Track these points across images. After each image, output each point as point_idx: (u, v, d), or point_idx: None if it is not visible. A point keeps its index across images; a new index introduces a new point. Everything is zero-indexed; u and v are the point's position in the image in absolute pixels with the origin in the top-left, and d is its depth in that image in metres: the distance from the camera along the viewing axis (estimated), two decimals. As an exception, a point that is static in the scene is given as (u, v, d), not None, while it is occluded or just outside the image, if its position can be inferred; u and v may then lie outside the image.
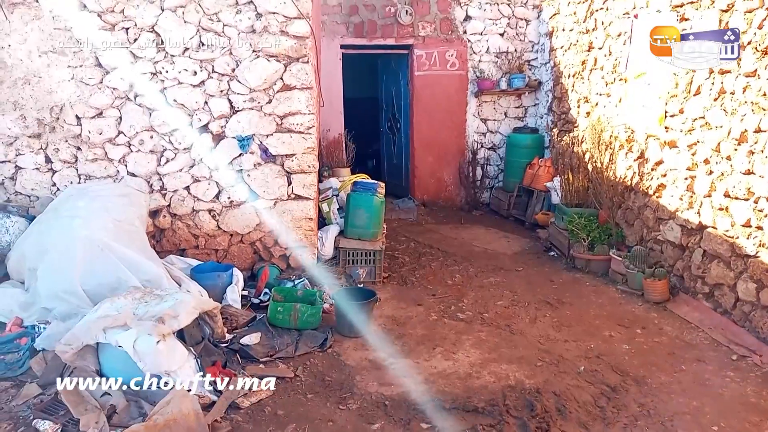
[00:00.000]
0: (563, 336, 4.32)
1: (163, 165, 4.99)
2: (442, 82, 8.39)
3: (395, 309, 4.78)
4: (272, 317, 4.29)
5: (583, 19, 7.04)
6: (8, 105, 4.80)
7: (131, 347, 3.16)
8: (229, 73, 4.92)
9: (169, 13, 4.79)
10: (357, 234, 5.37)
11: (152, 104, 4.89)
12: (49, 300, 3.93)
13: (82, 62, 4.80)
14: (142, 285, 4.02)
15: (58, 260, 4.01)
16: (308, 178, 5.17)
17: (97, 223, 4.16)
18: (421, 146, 8.53)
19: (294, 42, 4.90)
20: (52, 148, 4.88)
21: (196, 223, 5.10)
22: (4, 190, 4.92)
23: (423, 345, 4.15)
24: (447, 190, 8.63)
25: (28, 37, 4.75)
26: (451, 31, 8.34)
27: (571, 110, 7.43)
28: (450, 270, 5.81)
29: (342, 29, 8.13)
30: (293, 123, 5.05)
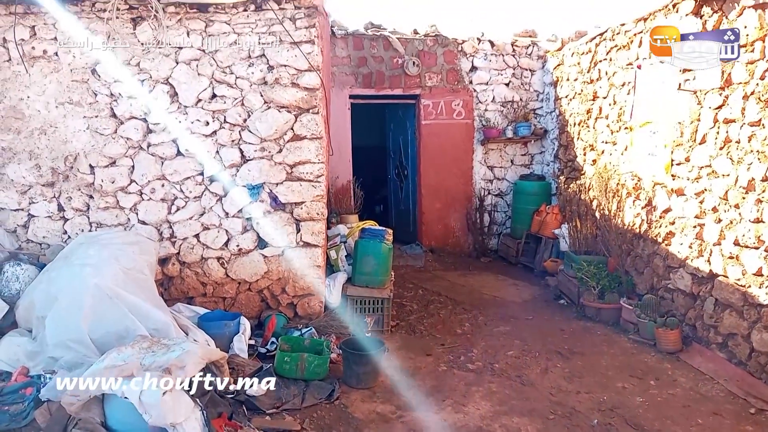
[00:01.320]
0: (575, 387, 4.23)
1: (174, 213, 5.04)
2: (448, 130, 8.51)
3: (404, 359, 4.72)
4: (279, 367, 4.23)
5: (587, 69, 7.18)
6: (24, 154, 4.91)
7: (137, 398, 3.12)
8: (241, 123, 5.03)
9: (183, 65, 4.93)
10: (365, 281, 5.35)
11: (165, 153, 4.98)
12: (56, 349, 3.90)
13: (98, 113, 4.92)
14: (150, 334, 3.99)
15: (66, 308, 4.01)
16: (317, 225, 5.20)
17: (107, 271, 4.17)
18: (429, 193, 8.59)
19: (305, 93, 5.02)
20: (64, 197, 4.96)
21: (204, 271, 5.11)
22: (15, 238, 4.97)
23: (432, 397, 4.07)
24: (454, 236, 8.64)
25: (46, 89, 4.90)
26: (458, 81, 8.51)
27: (578, 158, 7.50)
28: (459, 318, 5.75)
29: (351, 80, 8.32)
30: (303, 172, 5.12)
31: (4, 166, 4.91)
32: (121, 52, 4.88)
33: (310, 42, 4.97)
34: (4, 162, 4.91)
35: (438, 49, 8.44)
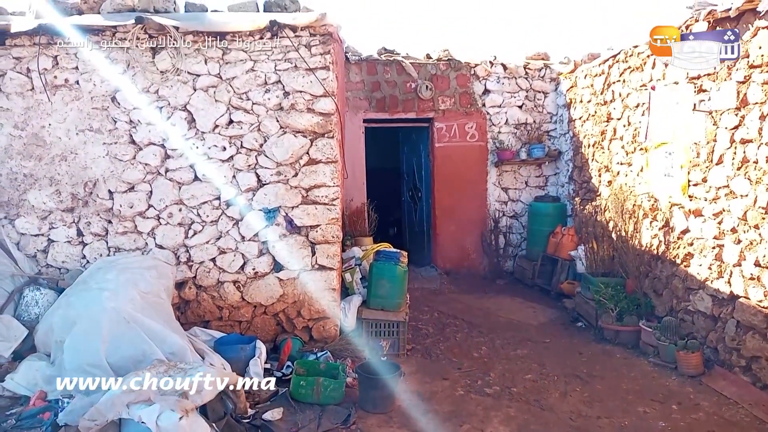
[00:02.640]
0: (596, 412, 4.16)
1: (191, 237, 5.09)
2: (462, 152, 8.54)
3: (420, 383, 4.67)
4: (295, 391, 4.21)
5: (601, 90, 7.20)
6: (45, 180, 5.00)
7: (154, 423, 3.12)
8: (257, 148, 5.09)
9: (201, 92, 5.02)
10: (380, 304, 5.34)
11: (182, 179, 5.05)
12: (74, 373, 3.92)
13: (117, 139, 5.02)
14: (167, 358, 4.01)
15: (84, 332, 4.04)
16: (332, 248, 5.21)
17: (125, 296, 4.21)
18: (443, 215, 8.59)
19: (320, 118, 5.08)
20: (84, 222, 5.03)
21: (220, 295, 5.13)
22: (35, 263, 5.04)
23: (450, 422, 4.02)
24: (469, 258, 8.60)
25: (67, 116, 5.00)
26: (471, 104, 8.56)
27: (593, 179, 7.47)
28: (475, 342, 5.70)
29: (365, 104, 8.40)
30: (318, 195, 5.15)
31: (25, 193, 5.00)
32: (140, 80, 4.98)
33: (325, 68, 5.05)
34: (26, 188, 5.00)
35: (451, 72, 8.51)
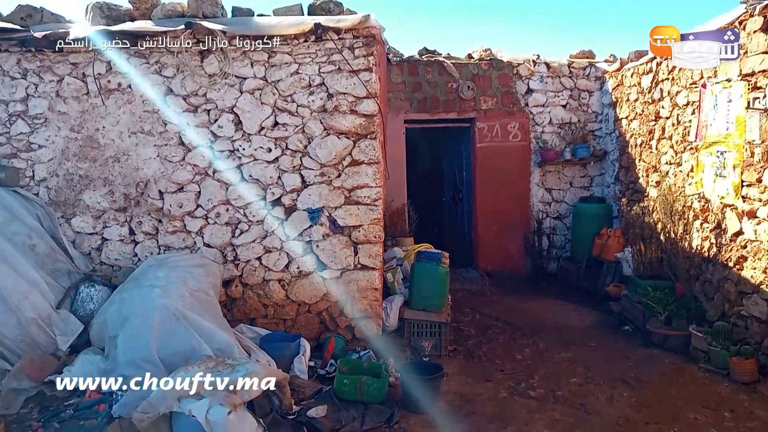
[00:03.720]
0: (644, 417, 4.07)
1: (237, 236, 5.21)
2: (504, 152, 8.46)
3: (462, 385, 4.66)
4: (338, 389, 4.26)
5: (648, 89, 7.02)
6: (99, 181, 5.20)
7: (204, 417, 3.21)
8: (302, 149, 5.17)
9: (247, 95, 5.13)
10: (422, 305, 5.34)
11: (229, 179, 5.17)
12: (127, 367, 4.07)
13: (167, 141, 5.17)
14: (215, 354, 4.11)
15: (136, 328, 4.18)
16: (374, 248, 5.25)
17: (175, 293, 4.34)
18: (485, 216, 8.53)
19: (363, 120, 5.12)
20: (135, 221, 5.21)
21: (266, 293, 5.23)
22: (90, 260, 5.24)
23: (493, 424, 4.00)
24: (512, 260, 8.51)
25: (120, 119, 5.19)
26: (513, 104, 8.47)
27: (640, 179, 7.30)
28: (518, 344, 5.64)
29: (406, 105, 8.42)
30: (361, 195, 5.19)
31: (81, 193, 5.21)
32: (189, 84, 5.12)
33: (368, 70, 5.09)
34: (81, 188, 5.21)
35: (493, 72, 8.45)
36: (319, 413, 3.99)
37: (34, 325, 4.47)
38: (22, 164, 5.25)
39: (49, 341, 4.52)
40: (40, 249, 4.87)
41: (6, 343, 4.42)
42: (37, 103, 5.21)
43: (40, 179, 5.23)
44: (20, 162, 5.26)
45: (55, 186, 5.22)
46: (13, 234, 4.78)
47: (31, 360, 4.32)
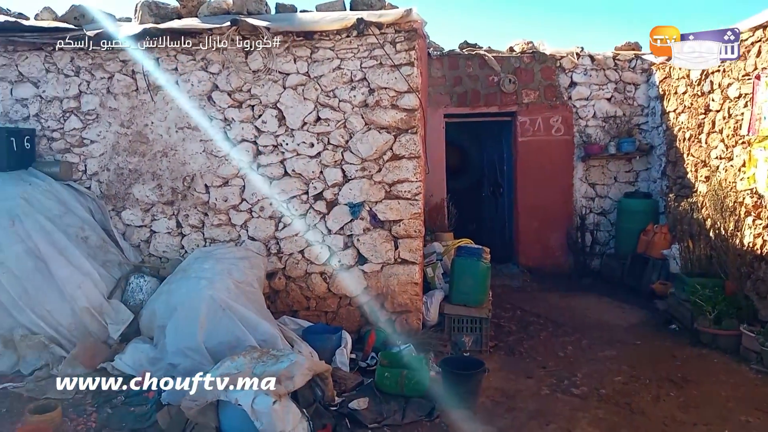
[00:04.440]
0: (692, 418, 3.96)
1: (281, 230, 5.29)
2: (546, 147, 8.33)
3: (503, 381, 4.63)
4: (379, 382, 4.29)
5: (698, 81, 6.80)
6: (148, 175, 5.35)
7: (249, 406, 3.29)
8: (343, 144, 5.21)
9: (290, 91, 5.20)
10: (462, 300, 5.32)
11: (273, 174, 5.25)
12: (175, 356, 4.19)
13: (213, 136, 5.28)
14: (259, 344, 4.20)
15: (184, 318, 4.30)
16: (414, 242, 5.25)
17: (221, 285, 4.45)
18: (526, 211, 8.42)
19: (404, 114, 5.12)
20: (182, 214, 5.35)
21: (308, 285, 5.30)
22: (139, 252, 5.41)
23: (535, 420, 3.96)
24: (553, 256, 8.38)
25: (167, 115, 5.33)
26: (556, 97, 8.33)
27: (688, 174, 7.08)
28: (561, 341, 5.56)
29: (446, 99, 8.37)
30: (401, 190, 5.20)
31: (130, 186, 5.38)
32: (234, 80, 5.22)
33: (409, 64, 5.08)
34: (131, 182, 5.38)
35: (535, 65, 8.32)
36: (360, 405, 4.02)
37: (87, 314, 4.65)
38: (75, 159, 5.46)
39: (101, 329, 4.69)
40: (92, 241, 5.05)
41: (61, 330, 4.62)
42: (89, 99, 5.40)
43: (92, 173, 5.43)
44: (73, 157, 5.46)
45: (106, 180, 5.40)
46: (68, 226, 4.98)
47: (84, 347, 4.50)
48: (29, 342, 4.54)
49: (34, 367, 4.45)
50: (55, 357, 4.50)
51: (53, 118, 5.47)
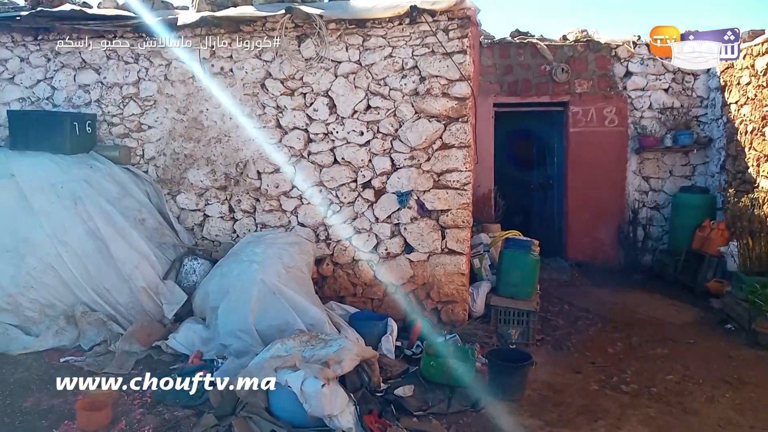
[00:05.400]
0: (748, 421, 3.83)
1: (329, 217, 5.35)
2: (599, 138, 8.12)
3: (550, 375, 4.57)
4: (425, 371, 4.30)
5: (763, 72, 6.48)
6: (202, 160, 5.49)
7: (299, 388, 3.35)
8: (392, 133, 5.21)
9: (342, 79, 5.22)
10: (510, 292, 5.27)
11: (323, 161, 5.30)
12: (227, 337, 4.31)
13: (265, 124, 5.37)
14: (307, 328, 4.27)
15: (236, 301, 4.42)
16: (462, 233, 5.22)
17: (271, 269, 4.54)
18: (576, 204, 8.25)
19: (455, 103, 5.08)
20: (235, 199, 5.47)
21: (355, 272, 5.35)
22: (193, 235, 5.57)
23: (583, 416, 3.90)
24: (603, 250, 8.20)
25: (222, 102, 5.43)
26: (610, 87, 8.10)
27: (749, 169, 6.79)
28: (610, 337, 5.44)
29: (495, 88, 8.25)
30: (450, 180, 5.17)
31: (185, 171, 5.53)
32: (287, 68, 5.28)
33: (462, 52, 5.03)
34: (186, 167, 5.53)
35: (589, 54, 8.10)
36: (406, 392, 4.05)
37: (144, 293, 4.82)
38: (134, 144, 5.64)
39: (156, 309, 4.87)
40: (149, 223, 5.23)
41: (119, 309, 4.81)
42: (147, 86, 5.57)
43: (149, 158, 5.60)
44: (132, 141, 5.65)
45: (162, 164, 5.57)
46: (126, 208, 5.16)
47: (140, 325, 4.68)
48: (89, 318, 4.75)
49: (94, 343, 4.66)
50: (113, 333, 4.69)
51: (113, 103, 5.67)
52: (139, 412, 3.75)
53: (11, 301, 4.77)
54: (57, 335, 4.68)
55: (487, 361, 4.37)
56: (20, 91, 5.89)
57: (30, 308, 4.78)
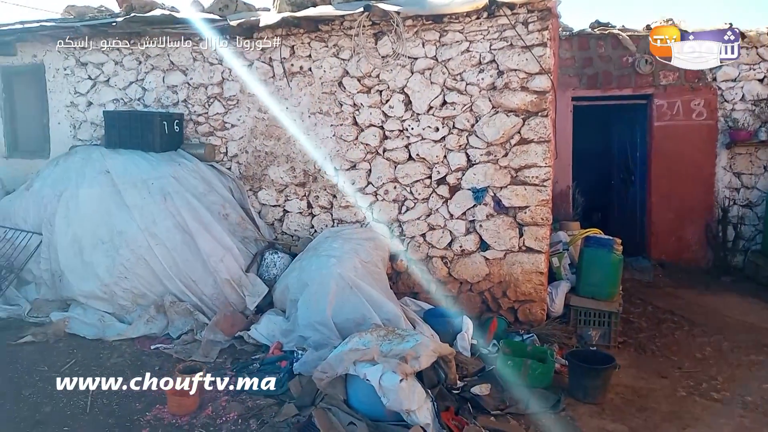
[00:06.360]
0: None
1: (404, 213, 5.37)
2: (685, 132, 7.70)
3: (634, 379, 4.39)
4: (501, 370, 4.24)
5: None
6: (282, 158, 5.65)
7: (377, 382, 3.39)
8: (468, 128, 5.16)
9: (418, 75, 5.22)
10: (590, 292, 5.11)
11: (398, 158, 5.33)
12: (306, 329, 4.42)
13: (342, 121, 5.45)
14: (383, 323, 4.31)
15: (315, 294, 4.52)
16: (541, 231, 5.10)
17: (349, 264, 4.61)
18: (660, 201, 7.87)
19: (534, 97, 4.97)
20: (313, 196, 5.60)
21: (429, 269, 5.35)
22: (273, 230, 5.74)
23: (670, 423, 3.73)
24: (689, 250, 7.78)
25: (301, 100, 5.57)
26: (698, 78, 7.65)
27: None
28: (698, 341, 5.17)
29: (574, 81, 8.00)
30: (528, 176, 5.07)
31: (266, 168, 5.71)
32: (363, 65, 5.34)
33: (542, 45, 4.91)
34: (267, 164, 5.71)
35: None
36: (482, 391, 4.01)
37: (228, 285, 5.02)
38: (218, 141, 5.88)
39: (239, 300, 5.06)
40: (232, 218, 5.44)
41: (204, 299, 5.04)
42: (230, 86, 5.79)
43: (232, 155, 5.82)
44: (216, 139, 5.89)
45: (245, 161, 5.78)
46: (211, 204, 5.39)
47: (224, 316, 4.88)
48: (177, 308, 5.00)
49: (181, 331, 4.90)
50: (198, 323, 4.92)
51: (199, 103, 5.93)
52: (224, 399, 3.91)
53: (107, 291, 5.09)
54: (148, 323, 4.95)
55: (567, 362, 4.26)
56: (114, 92, 6.28)
57: (123, 297, 5.09)
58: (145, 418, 3.71)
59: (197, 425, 3.63)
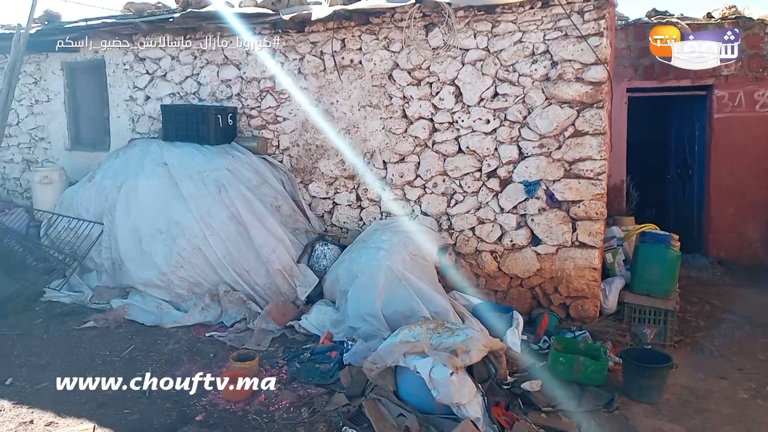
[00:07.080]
0: None
1: (452, 206, 5.34)
2: (748, 124, 7.36)
3: (691, 379, 4.25)
4: (553, 367, 4.18)
5: None
6: (332, 151, 5.70)
7: (427, 375, 3.39)
8: (521, 120, 5.08)
9: (469, 66, 5.17)
10: (646, 289, 4.97)
11: (447, 151, 5.30)
12: (355, 320, 4.47)
13: (392, 114, 5.46)
14: (431, 316, 4.31)
15: (364, 285, 4.56)
16: (595, 225, 4.99)
17: (397, 256, 4.63)
18: (720, 196, 7.56)
19: (589, 88, 4.85)
20: (362, 188, 5.63)
21: (478, 263, 5.31)
22: (322, 222, 5.81)
23: (731, 426, 3.60)
24: (751, 247, 7.45)
25: (351, 93, 5.60)
26: (763, 68, 7.30)
27: None
28: (760, 343, 4.95)
29: (629, 72, 7.75)
30: (582, 169, 4.95)
31: (317, 161, 5.78)
32: (414, 57, 5.32)
33: (598, 34, 4.78)
34: (318, 157, 5.77)
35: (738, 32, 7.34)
36: (533, 387, 3.96)
37: (279, 275, 5.12)
38: (270, 135, 5.99)
39: (290, 291, 5.15)
40: (284, 210, 5.53)
41: (257, 289, 5.15)
42: (282, 80, 5.86)
43: (284, 148, 5.91)
44: (268, 133, 5.99)
45: (296, 154, 5.86)
46: (264, 196, 5.50)
47: (276, 305, 4.98)
48: (230, 297, 5.13)
49: (235, 320, 5.03)
50: (251, 312, 5.03)
51: (251, 97, 6.04)
52: (277, 387, 3.99)
53: (164, 279, 5.27)
54: (203, 311, 5.09)
55: (621, 360, 4.16)
56: (171, 87, 6.47)
57: (179, 286, 5.26)
58: (200, 404, 3.83)
59: (251, 411, 3.72)
